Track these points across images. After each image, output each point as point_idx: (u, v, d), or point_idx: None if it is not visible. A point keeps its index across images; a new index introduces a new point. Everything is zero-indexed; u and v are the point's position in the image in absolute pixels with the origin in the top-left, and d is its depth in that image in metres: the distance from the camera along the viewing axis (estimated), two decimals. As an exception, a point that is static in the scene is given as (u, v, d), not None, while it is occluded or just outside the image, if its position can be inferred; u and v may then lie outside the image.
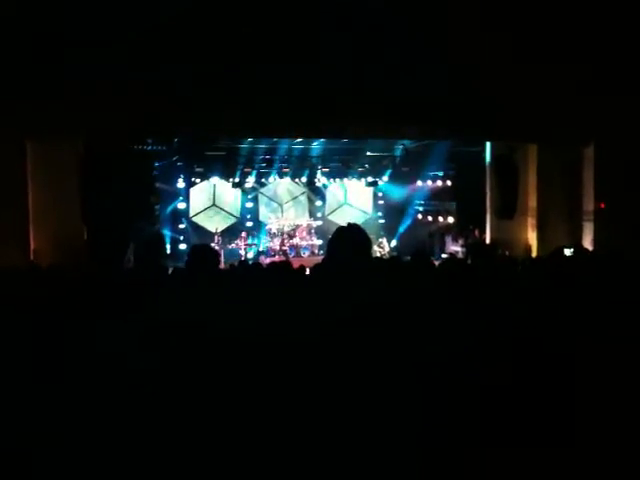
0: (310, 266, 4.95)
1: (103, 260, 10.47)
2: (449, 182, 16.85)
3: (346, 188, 18.48)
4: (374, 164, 17.65)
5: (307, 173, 17.80)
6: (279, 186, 18.37)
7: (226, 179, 17.30)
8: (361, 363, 2.19)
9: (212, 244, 15.43)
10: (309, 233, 17.98)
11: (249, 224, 18.05)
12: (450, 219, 16.83)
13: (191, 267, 3.61)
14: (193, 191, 17.29)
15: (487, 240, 13.39)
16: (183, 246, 16.83)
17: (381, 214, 18.96)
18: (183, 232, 17.15)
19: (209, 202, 17.55)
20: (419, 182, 17.40)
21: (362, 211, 18.52)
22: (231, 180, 17.30)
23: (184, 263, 3.78)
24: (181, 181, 16.78)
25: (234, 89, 9.36)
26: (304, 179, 17.99)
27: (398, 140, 15.13)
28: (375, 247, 16.21)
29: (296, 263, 5.94)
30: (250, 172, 17.43)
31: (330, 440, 2.06)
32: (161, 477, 2.12)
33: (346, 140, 15.00)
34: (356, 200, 18.58)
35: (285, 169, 17.58)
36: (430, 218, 17.72)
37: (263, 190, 18.36)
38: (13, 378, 2.37)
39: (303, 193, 18.61)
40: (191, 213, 17.42)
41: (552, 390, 2.26)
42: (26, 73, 9.16)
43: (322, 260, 3.18)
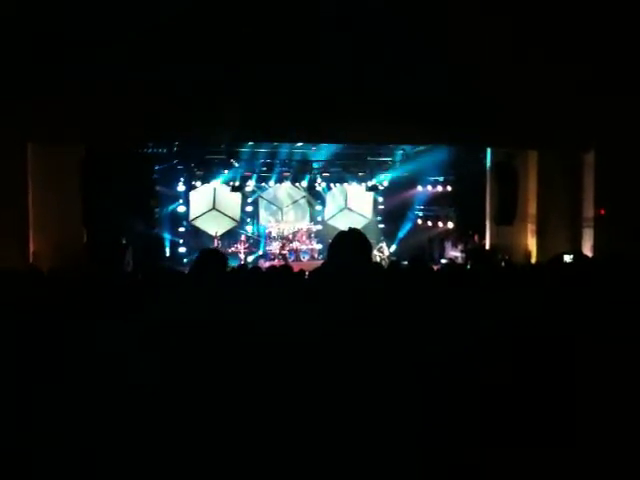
0: (310, 270, 4.95)
1: (102, 263, 10.48)
2: (449, 187, 16.87)
3: (346, 192, 18.47)
4: (374, 169, 17.66)
5: (307, 177, 17.78)
6: (279, 190, 18.36)
7: (226, 183, 17.30)
8: (361, 363, 2.20)
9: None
10: (309, 237, 17.98)
11: (249, 228, 18.04)
12: (450, 224, 16.83)
13: (199, 269, 3.60)
14: (193, 194, 17.28)
15: (487, 246, 13.40)
16: (182, 249, 16.83)
17: (381, 219, 18.94)
18: (183, 235, 17.12)
19: (209, 206, 17.53)
20: (419, 187, 17.41)
21: (362, 216, 18.49)
22: (231, 184, 17.31)
23: (185, 266, 3.76)
24: (181, 184, 16.78)
25: (234, 89, 9.36)
26: (304, 183, 17.98)
27: (398, 145, 15.13)
28: (375, 252, 16.19)
29: (296, 267, 5.94)
30: (250, 176, 17.44)
31: (331, 440, 2.06)
32: (161, 477, 2.12)
33: (346, 145, 15.01)
34: (356, 205, 18.55)
35: (285, 173, 17.58)
36: (430, 223, 17.71)
37: (263, 194, 18.35)
38: (13, 378, 2.37)
39: (303, 197, 18.60)
40: (191, 216, 17.40)
41: (552, 390, 2.26)
42: (26, 73, 9.18)
43: (322, 264, 3.20)
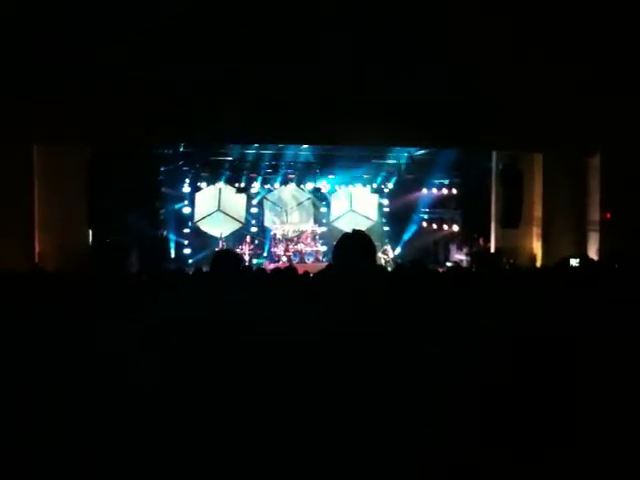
0: (314, 272, 4.95)
1: (107, 263, 10.47)
2: (454, 190, 16.79)
3: (351, 195, 18.44)
4: (379, 171, 17.60)
5: (312, 179, 17.77)
6: (284, 191, 18.36)
7: (231, 184, 17.31)
8: (362, 363, 2.19)
9: (216, 249, 15.47)
10: (314, 239, 17.95)
11: (254, 230, 18.05)
12: (455, 227, 16.75)
13: (215, 269, 3.58)
14: (198, 196, 17.31)
15: (492, 249, 13.34)
16: (187, 250, 16.86)
17: (386, 221, 18.89)
18: (188, 236, 17.15)
19: (214, 207, 17.56)
20: (424, 190, 17.35)
21: (367, 218, 18.45)
22: (236, 185, 17.33)
23: (190, 267, 3.75)
24: (187, 186, 16.82)
25: (234, 89, 9.36)
26: (309, 185, 17.96)
27: (399, 146, 15.10)
28: (379, 254, 16.14)
29: (300, 269, 5.93)
30: (256, 177, 17.46)
31: (331, 440, 2.06)
32: (162, 477, 2.12)
33: (351, 147, 14.98)
34: (361, 207, 18.52)
35: (290, 175, 17.59)
36: (435, 226, 17.64)
37: (268, 195, 18.36)
38: (13, 377, 2.37)
39: (308, 199, 18.58)
40: (196, 218, 17.43)
41: (552, 390, 2.26)
42: (26, 73, 9.22)
43: (326, 266, 3.22)
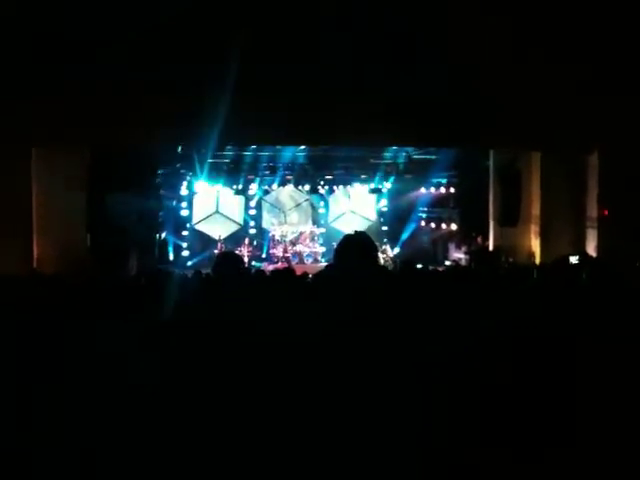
0: (313, 273, 4.96)
1: (106, 266, 10.48)
2: (452, 189, 16.83)
3: (349, 195, 18.45)
4: (377, 171, 17.62)
5: (310, 180, 17.77)
6: (282, 193, 18.36)
7: (229, 186, 17.30)
8: (362, 363, 2.19)
9: (215, 251, 15.48)
10: (312, 240, 17.94)
11: (252, 231, 18.04)
12: (453, 226, 16.79)
13: (218, 271, 3.58)
14: (196, 198, 17.30)
15: (490, 247, 13.36)
16: (186, 252, 16.84)
17: (384, 221, 18.90)
18: (186, 239, 17.13)
19: (212, 209, 17.55)
20: (422, 189, 17.38)
21: (365, 218, 18.47)
22: (234, 187, 17.32)
23: (189, 269, 3.76)
24: (184, 188, 16.80)
25: (234, 89, 9.36)
26: (307, 186, 17.96)
27: (398, 146, 15.11)
28: (378, 254, 16.13)
29: (299, 270, 5.93)
30: (253, 179, 17.44)
31: (331, 440, 2.05)
32: (162, 477, 2.12)
33: (351, 147, 14.99)
34: (359, 207, 18.54)
35: (288, 176, 17.57)
36: (433, 225, 17.67)
37: (266, 197, 18.36)
38: (13, 378, 2.37)
39: (306, 200, 18.58)
40: (194, 220, 17.41)
41: (552, 390, 2.26)
42: (26, 74, 9.20)
43: (326, 266, 3.23)
